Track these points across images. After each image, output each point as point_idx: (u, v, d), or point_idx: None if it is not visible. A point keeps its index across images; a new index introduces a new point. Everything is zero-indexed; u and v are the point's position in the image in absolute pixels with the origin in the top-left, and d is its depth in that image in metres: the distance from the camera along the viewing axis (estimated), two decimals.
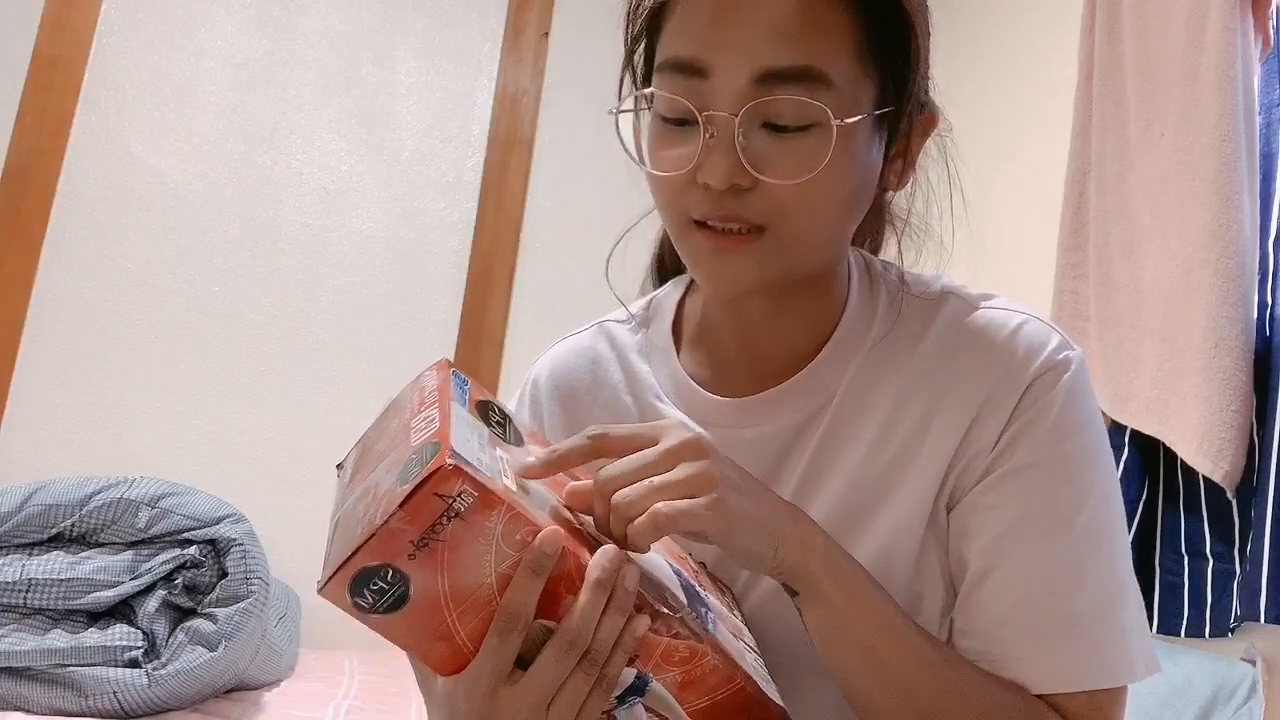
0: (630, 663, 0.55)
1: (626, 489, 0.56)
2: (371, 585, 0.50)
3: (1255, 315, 1.51)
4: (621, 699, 0.55)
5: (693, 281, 0.82)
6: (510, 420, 0.63)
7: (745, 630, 0.67)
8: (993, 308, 0.72)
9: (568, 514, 0.58)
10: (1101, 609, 0.66)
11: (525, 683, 0.53)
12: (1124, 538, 0.69)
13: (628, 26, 0.72)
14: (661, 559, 0.62)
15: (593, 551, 0.54)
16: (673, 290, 0.83)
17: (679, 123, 0.66)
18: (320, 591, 0.50)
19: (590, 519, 0.58)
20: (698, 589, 0.63)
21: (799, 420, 0.72)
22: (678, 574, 0.62)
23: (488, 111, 2.60)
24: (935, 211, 0.77)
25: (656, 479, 0.56)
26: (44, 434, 2.19)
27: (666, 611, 0.56)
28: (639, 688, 0.55)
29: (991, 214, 2.15)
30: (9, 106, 2.22)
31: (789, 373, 0.73)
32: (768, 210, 0.64)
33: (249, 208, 2.39)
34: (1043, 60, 2.16)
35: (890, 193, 0.75)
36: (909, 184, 0.74)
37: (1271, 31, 1.61)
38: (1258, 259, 1.53)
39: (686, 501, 0.55)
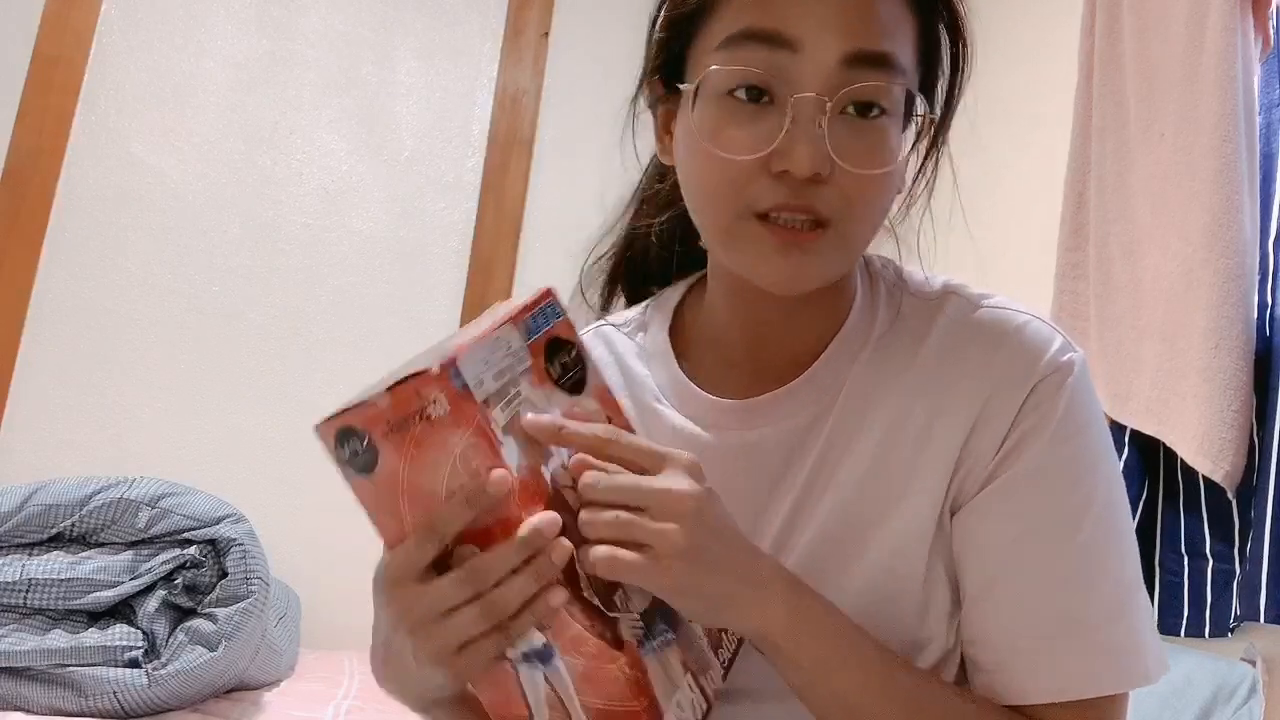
0: (542, 630, 0.56)
1: (594, 514, 0.56)
2: (350, 444, 0.54)
3: (1255, 315, 1.51)
4: (527, 657, 0.56)
5: (695, 283, 0.81)
6: (583, 368, 0.63)
7: (714, 671, 0.65)
8: (994, 307, 0.71)
9: (569, 479, 0.58)
10: (1112, 612, 0.65)
11: (424, 588, 0.54)
12: (1131, 539, 0.68)
13: (665, 5, 0.70)
14: None
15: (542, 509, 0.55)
16: (670, 294, 0.82)
17: (754, 99, 0.63)
18: (315, 426, 0.54)
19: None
20: (672, 607, 0.62)
21: (803, 422, 0.71)
22: None
23: (488, 111, 2.60)
24: (953, 210, 0.77)
25: (623, 515, 0.56)
26: (44, 434, 2.19)
27: (603, 608, 0.57)
28: (545, 655, 0.56)
29: (992, 214, 2.15)
30: (9, 106, 2.22)
31: (792, 373, 0.72)
32: (837, 204, 0.63)
33: (249, 208, 2.39)
34: (1043, 60, 2.16)
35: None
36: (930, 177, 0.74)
37: (1271, 31, 1.61)
38: (1258, 259, 1.53)
39: (629, 556, 0.55)
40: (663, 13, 0.70)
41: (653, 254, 0.85)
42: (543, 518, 0.54)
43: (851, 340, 0.72)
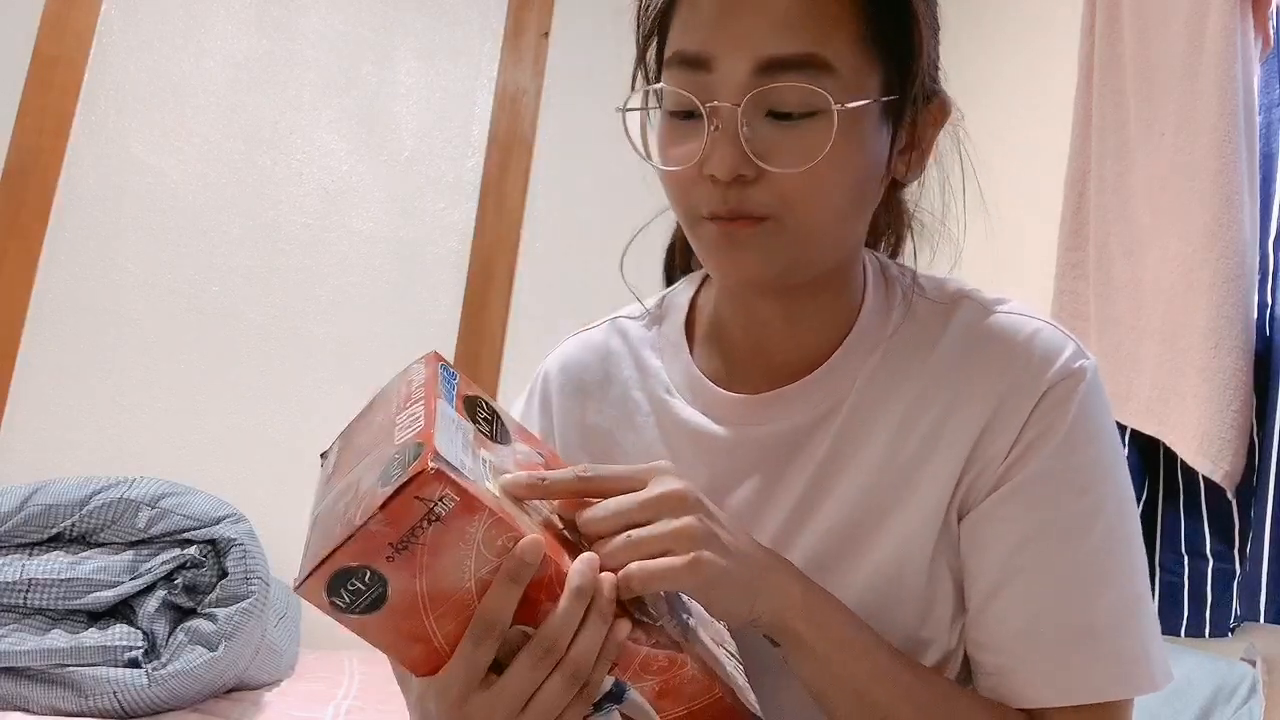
0: (609, 670, 0.54)
1: (607, 543, 0.56)
2: (349, 585, 0.50)
3: (1255, 315, 1.51)
4: (598, 705, 0.54)
5: (706, 278, 0.82)
6: (499, 416, 0.63)
7: (727, 635, 0.66)
8: (1008, 312, 0.71)
9: (556, 520, 0.58)
10: (1120, 619, 0.65)
11: (499, 689, 0.53)
12: (1140, 547, 0.68)
13: (638, 25, 0.72)
14: None
15: (575, 557, 0.54)
16: (686, 287, 0.83)
17: (685, 117, 0.66)
18: (297, 589, 0.50)
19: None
20: (679, 594, 0.63)
21: (812, 419, 0.72)
22: None
23: (488, 111, 2.60)
24: (950, 208, 0.77)
25: (635, 533, 0.56)
26: (44, 434, 2.19)
27: (647, 620, 0.56)
28: (616, 695, 0.55)
29: (992, 214, 2.15)
30: (9, 106, 2.22)
31: (802, 371, 0.73)
32: (772, 201, 0.64)
33: (249, 208, 2.39)
34: (1043, 60, 2.16)
35: (904, 189, 0.75)
36: (922, 178, 0.74)
37: (1271, 31, 1.61)
38: (1258, 259, 1.53)
39: (662, 562, 0.56)
40: (635, 28, 0.74)
41: (680, 245, 0.87)
42: (584, 559, 0.54)
43: (863, 340, 0.73)
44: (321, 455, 0.63)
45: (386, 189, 2.51)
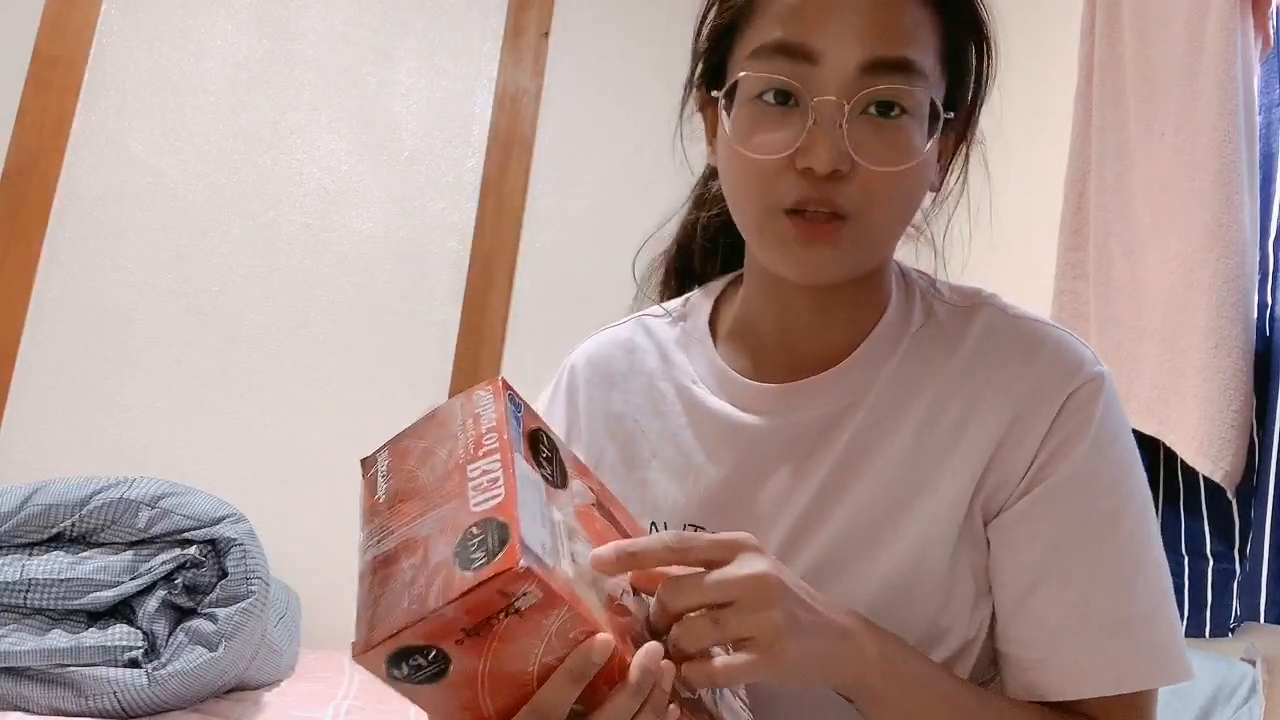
0: None
1: (689, 625, 0.56)
2: (411, 660, 0.49)
3: (1255, 315, 1.51)
4: None
5: (730, 282, 0.85)
6: (557, 451, 0.61)
7: (740, 689, 0.67)
8: (1028, 319, 0.74)
9: (620, 585, 0.57)
10: (1152, 610, 0.68)
11: None
12: (1160, 542, 0.71)
13: (706, 15, 0.73)
14: None
15: (637, 643, 0.54)
16: (711, 287, 0.85)
17: (780, 105, 0.67)
18: (356, 657, 0.49)
19: (645, 599, 0.59)
20: None
21: (834, 411, 0.73)
22: None
23: (488, 111, 2.60)
24: (948, 211, 0.80)
25: (720, 616, 0.56)
26: (44, 434, 2.19)
27: (693, 697, 0.57)
28: None
29: (992, 214, 2.15)
30: (9, 106, 2.22)
31: (826, 366, 0.75)
32: (857, 198, 0.66)
33: (249, 208, 2.39)
34: (1043, 61, 2.16)
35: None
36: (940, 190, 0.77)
37: (1271, 31, 1.61)
38: (1258, 259, 1.53)
39: (751, 658, 0.56)
40: (704, 24, 0.75)
41: (698, 250, 0.89)
42: (647, 655, 0.53)
43: (886, 337, 0.75)
44: (363, 462, 0.61)
45: (386, 189, 2.51)
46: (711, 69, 0.75)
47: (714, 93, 0.72)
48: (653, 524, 0.76)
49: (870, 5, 0.65)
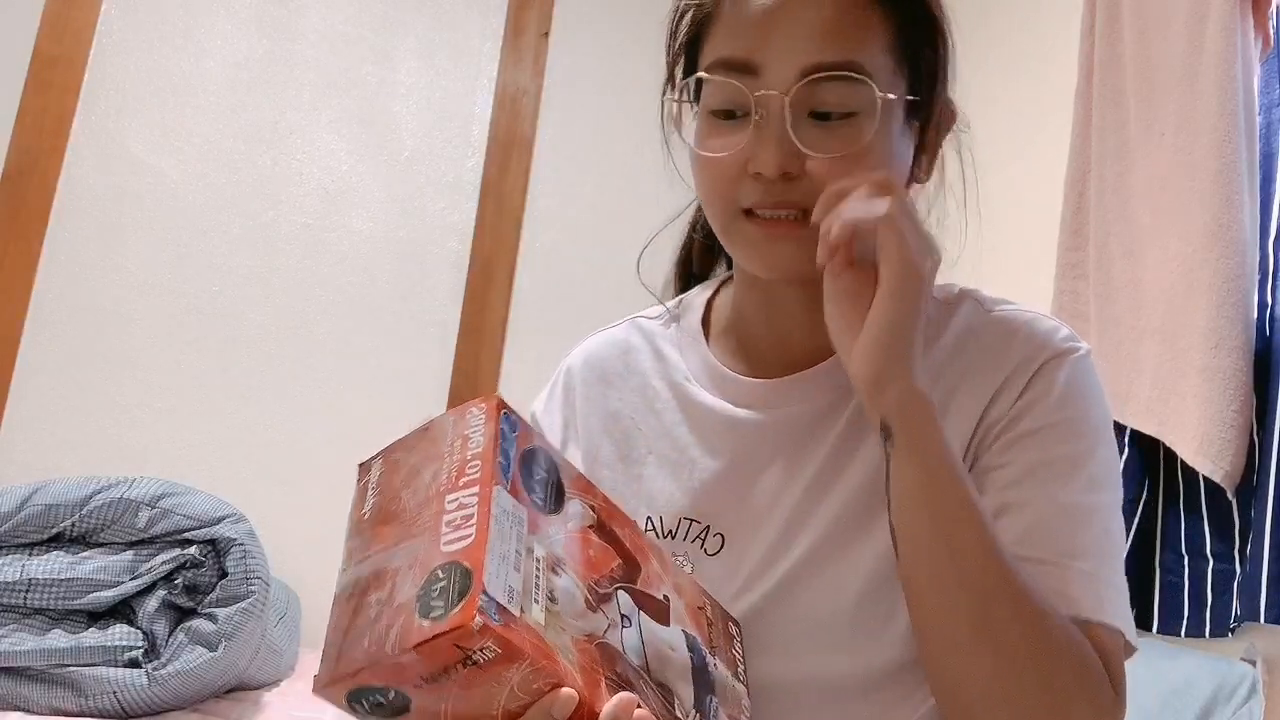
0: None
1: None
2: (371, 698, 0.49)
3: (1255, 315, 1.51)
4: None
5: (724, 281, 0.87)
6: (556, 470, 0.61)
7: (745, 696, 0.66)
8: (1006, 308, 0.77)
9: (601, 632, 0.56)
10: (1103, 552, 0.69)
11: None
12: (1119, 512, 0.72)
13: (673, 32, 0.77)
14: (679, 635, 0.62)
15: (621, 682, 0.53)
16: (702, 290, 0.87)
17: (728, 115, 0.71)
18: (316, 690, 0.50)
19: (644, 622, 0.60)
20: (707, 660, 0.63)
21: (824, 405, 0.75)
22: (691, 648, 0.63)
23: (488, 111, 2.60)
24: (948, 210, 0.81)
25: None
26: (44, 434, 2.19)
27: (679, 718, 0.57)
28: None
29: (992, 214, 2.15)
30: (9, 106, 2.22)
31: (816, 361, 0.77)
32: (813, 194, 0.68)
33: (249, 208, 2.39)
34: (1043, 61, 2.16)
35: (916, 188, 0.78)
36: (929, 180, 0.78)
37: (1271, 31, 1.61)
38: (1258, 259, 1.53)
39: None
40: (669, 38, 0.78)
41: (697, 249, 0.91)
42: (619, 705, 0.52)
43: None
44: (360, 466, 0.61)
45: (386, 189, 2.51)
46: (683, 79, 0.78)
47: (669, 98, 0.76)
48: (649, 518, 0.77)
49: (810, 16, 0.68)
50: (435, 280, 2.51)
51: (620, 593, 0.60)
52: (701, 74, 0.72)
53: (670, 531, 0.76)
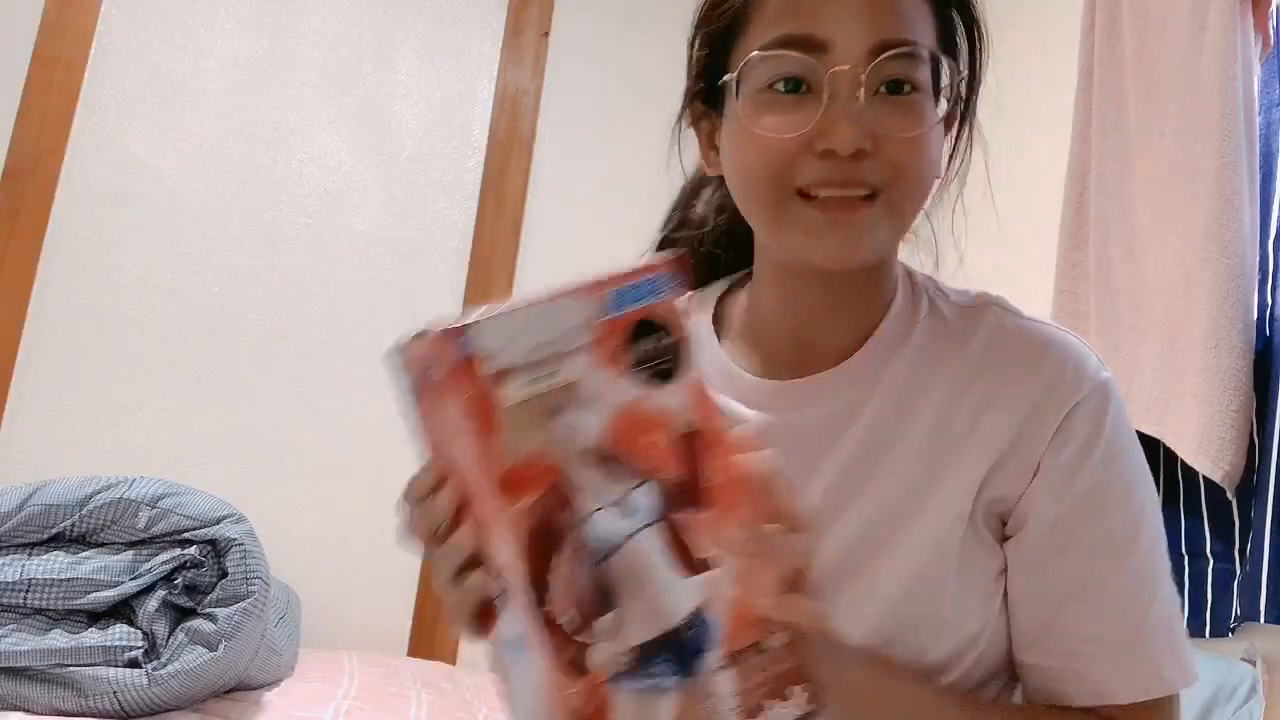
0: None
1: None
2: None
3: (1255, 315, 1.51)
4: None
5: (735, 281, 0.84)
6: (677, 356, 0.54)
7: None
8: (1035, 321, 0.75)
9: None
10: (1170, 617, 0.72)
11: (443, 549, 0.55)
12: (1165, 543, 0.74)
13: (705, 21, 0.73)
14: (688, 593, 0.53)
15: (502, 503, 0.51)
16: (713, 288, 0.85)
17: (791, 93, 0.67)
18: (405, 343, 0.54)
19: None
20: (704, 649, 0.54)
21: (842, 408, 0.73)
22: (695, 624, 0.54)
23: (488, 111, 2.60)
24: (945, 209, 0.80)
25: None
26: (44, 434, 2.19)
27: (559, 623, 0.51)
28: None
29: (991, 214, 2.15)
30: (9, 106, 2.22)
31: (835, 362, 0.75)
32: (885, 172, 0.67)
33: (249, 208, 2.39)
34: (1043, 60, 2.16)
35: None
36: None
37: (1271, 31, 1.61)
38: (1258, 259, 1.53)
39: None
40: (699, 30, 0.74)
41: (693, 264, 0.88)
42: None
43: (892, 334, 0.75)
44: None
45: (386, 189, 2.51)
46: (710, 79, 0.74)
47: (726, 77, 0.71)
48: None
49: None
50: (435, 280, 2.51)
51: (650, 488, 0.53)
52: (758, 52, 0.68)
53: None
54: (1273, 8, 1.60)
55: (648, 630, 0.52)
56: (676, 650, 0.53)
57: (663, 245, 0.89)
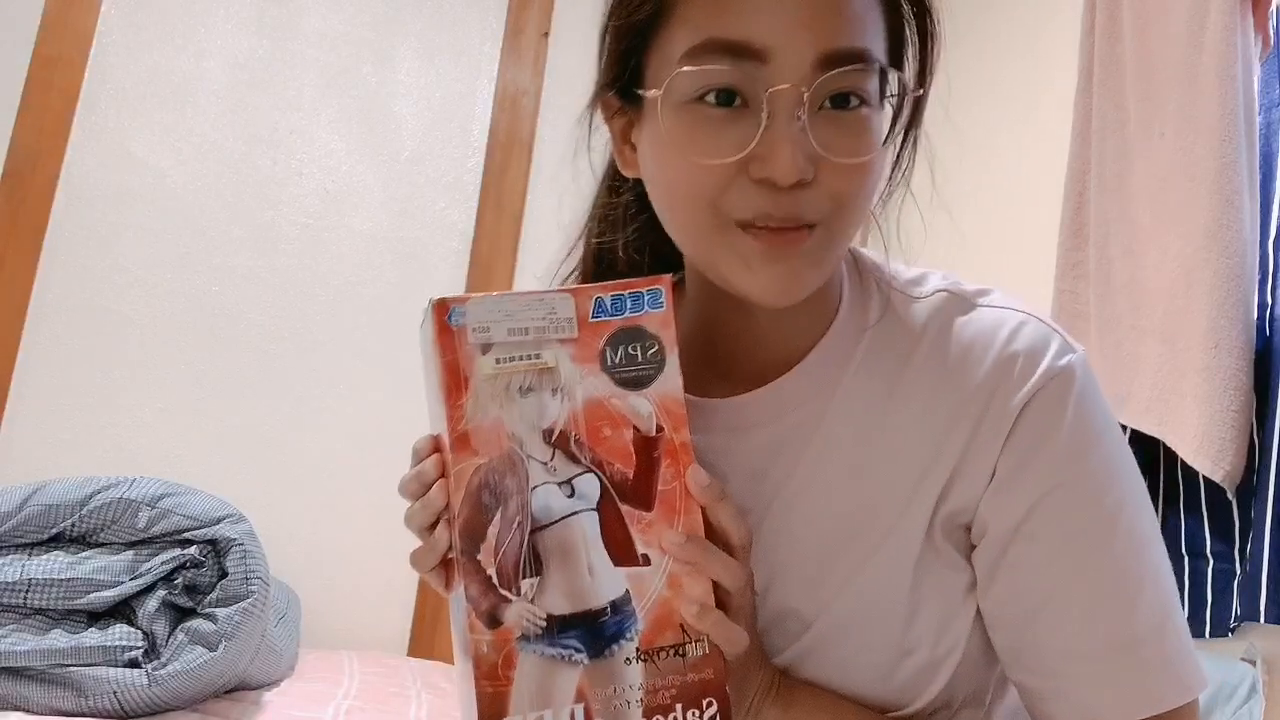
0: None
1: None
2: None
3: (1255, 315, 1.51)
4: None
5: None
6: (658, 367, 0.58)
7: None
8: (990, 306, 0.69)
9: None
10: (1159, 624, 0.64)
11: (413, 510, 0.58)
12: (1161, 545, 0.66)
13: (618, 13, 0.65)
14: (614, 582, 0.57)
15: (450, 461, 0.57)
16: None
17: (724, 106, 0.60)
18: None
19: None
20: (623, 636, 0.58)
21: (791, 422, 0.68)
22: (617, 609, 0.57)
23: (488, 111, 2.60)
24: (901, 206, 0.74)
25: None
26: (44, 434, 2.19)
27: (488, 574, 0.57)
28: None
29: (991, 214, 2.15)
30: (9, 106, 2.21)
31: (778, 373, 0.69)
32: (825, 205, 0.60)
33: (249, 208, 2.39)
34: (1043, 60, 2.16)
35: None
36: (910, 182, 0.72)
37: (1271, 31, 1.61)
38: (1258, 259, 1.53)
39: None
40: (612, 22, 0.66)
41: (620, 269, 0.81)
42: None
43: (842, 337, 0.70)
44: None
45: (386, 189, 2.51)
46: (625, 72, 0.67)
47: (643, 92, 0.64)
48: None
49: None
50: (435, 280, 2.51)
51: (599, 478, 0.57)
52: (688, 67, 0.59)
53: None
54: (1273, 8, 1.60)
55: (567, 604, 0.56)
56: (590, 631, 0.56)
57: (597, 256, 0.83)
